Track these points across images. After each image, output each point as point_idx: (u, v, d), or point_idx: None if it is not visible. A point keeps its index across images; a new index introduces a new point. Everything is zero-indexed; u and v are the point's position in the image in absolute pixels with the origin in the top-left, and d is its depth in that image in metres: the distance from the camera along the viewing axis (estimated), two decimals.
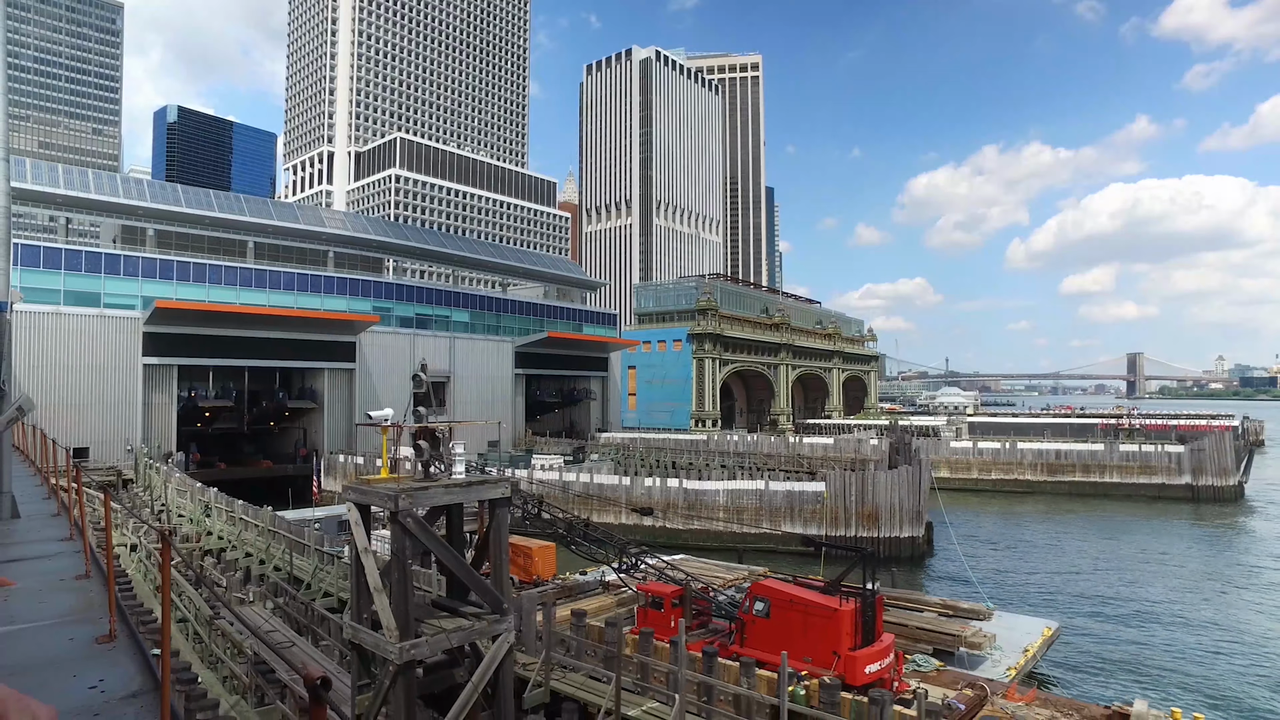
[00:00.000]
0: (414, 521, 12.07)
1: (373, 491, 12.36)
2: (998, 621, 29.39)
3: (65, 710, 3.95)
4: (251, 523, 30.03)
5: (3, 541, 9.25)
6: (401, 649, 11.71)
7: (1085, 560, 49.41)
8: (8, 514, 11.40)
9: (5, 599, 6.45)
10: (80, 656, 4.97)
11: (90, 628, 5.58)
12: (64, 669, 4.75)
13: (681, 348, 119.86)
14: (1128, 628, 34.54)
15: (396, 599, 12.01)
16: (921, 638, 25.71)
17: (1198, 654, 30.93)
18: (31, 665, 4.82)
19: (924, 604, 30.61)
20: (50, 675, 4.63)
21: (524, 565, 32.87)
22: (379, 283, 78.05)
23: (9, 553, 8.52)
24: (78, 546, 8.72)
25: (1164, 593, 40.82)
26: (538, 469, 57.85)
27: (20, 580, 7.05)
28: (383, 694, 12.17)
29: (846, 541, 49.71)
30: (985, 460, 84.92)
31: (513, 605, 15.16)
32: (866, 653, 18.94)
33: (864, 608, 19.41)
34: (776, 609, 20.07)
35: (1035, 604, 38.48)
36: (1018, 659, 25.76)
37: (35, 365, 53.93)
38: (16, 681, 4.12)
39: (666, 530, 51.43)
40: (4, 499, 11.44)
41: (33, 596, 6.59)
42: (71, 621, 5.81)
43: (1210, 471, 75.67)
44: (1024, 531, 60.36)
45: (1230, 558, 50.26)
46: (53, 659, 4.94)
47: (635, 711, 14.67)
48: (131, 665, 4.76)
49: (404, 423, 13.34)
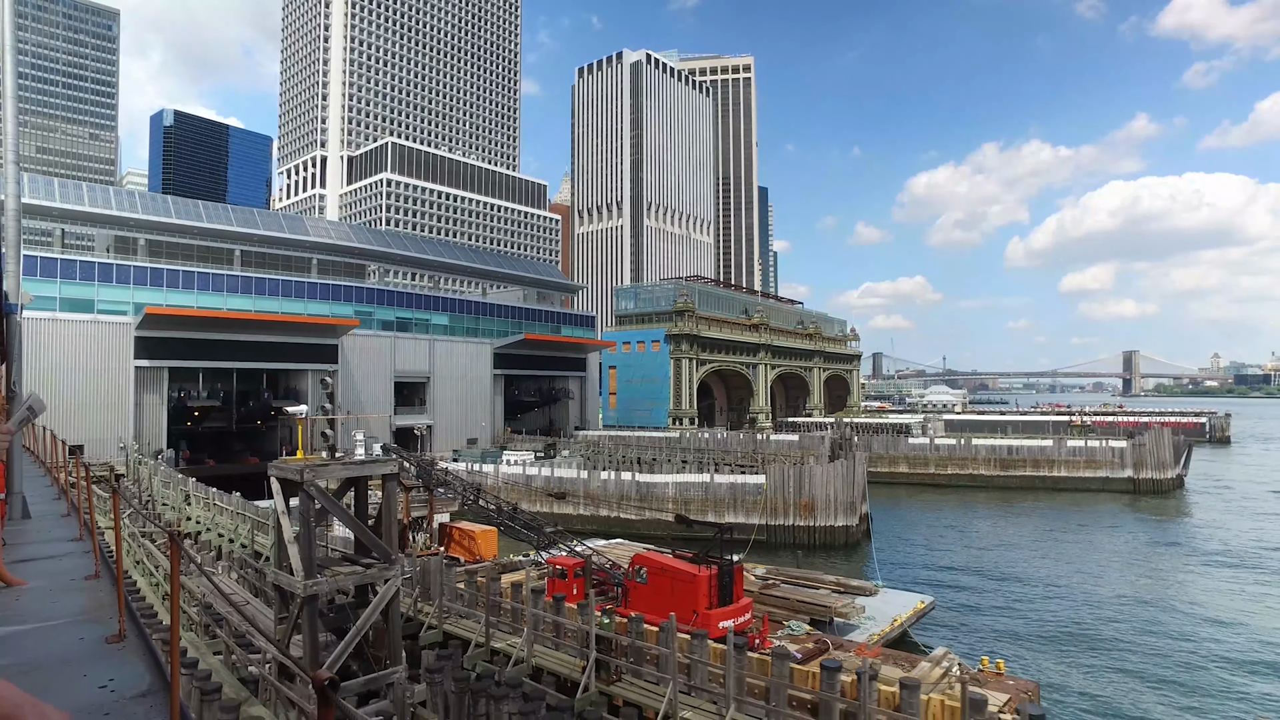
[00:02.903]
0: (316, 490, 16.03)
1: (287, 467, 16.33)
2: (881, 597, 33.42)
3: (76, 709, 4.02)
4: (224, 507, 34.06)
5: (14, 541, 9.31)
6: (305, 585, 15.69)
7: (1003, 546, 53.45)
8: (19, 514, 11.55)
9: (17, 598, 6.52)
10: (90, 656, 5.00)
11: (100, 627, 5.62)
12: (74, 668, 4.78)
13: (660, 348, 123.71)
14: (1011, 601, 38.61)
15: (303, 548, 16.00)
16: (800, 609, 29.66)
17: (1065, 623, 34.93)
18: (43, 664, 4.87)
19: (820, 581, 34.60)
20: (61, 674, 4.67)
21: (468, 547, 36.85)
22: (360, 288, 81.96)
23: (20, 553, 8.57)
24: (87, 547, 8.78)
25: (1060, 572, 44.87)
26: (504, 464, 61.75)
27: (31, 580, 7.11)
28: (293, 620, 16.17)
29: (785, 530, 53.91)
30: (942, 456, 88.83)
31: (410, 561, 19.13)
32: (721, 612, 22.87)
33: (722, 575, 23.34)
34: (652, 576, 24.04)
35: (942, 583, 42.52)
36: (884, 627, 29.73)
37: (33, 369, 57.81)
38: (28, 679, 4.52)
39: (620, 520, 55.41)
40: (15, 499, 11.55)
41: (44, 596, 6.65)
42: (81, 621, 5.86)
43: (1150, 465, 79.77)
44: (965, 521, 64.35)
45: (1143, 542, 54.25)
46: (63, 658, 4.98)
47: (501, 644, 18.70)
48: (141, 664, 4.80)
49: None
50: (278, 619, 17.09)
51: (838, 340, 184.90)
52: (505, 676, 16.42)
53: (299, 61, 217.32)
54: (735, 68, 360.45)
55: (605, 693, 16.63)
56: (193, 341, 66.28)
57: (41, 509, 12.62)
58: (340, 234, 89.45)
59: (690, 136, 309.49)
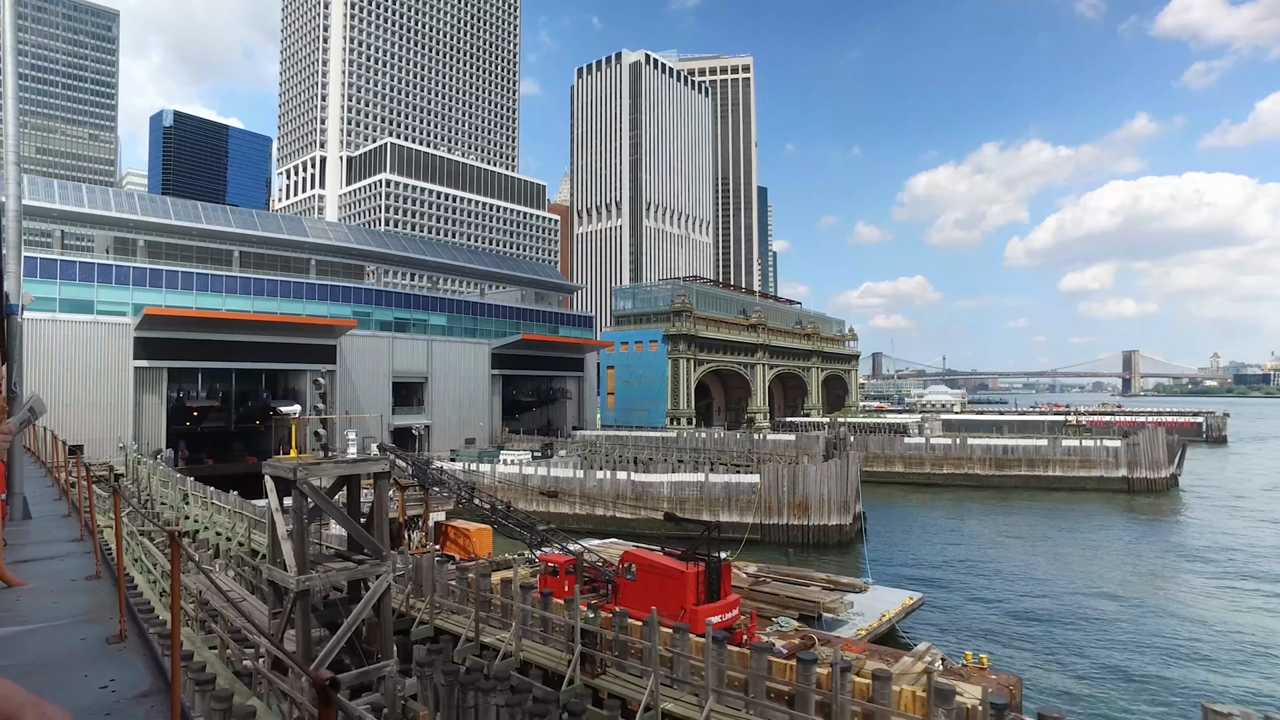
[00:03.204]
0: (309, 487, 16.46)
1: (280, 466, 16.77)
2: (871, 594, 33.86)
3: (77, 710, 3.97)
4: (221, 506, 34.51)
5: (15, 542, 9.25)
6: (299, 580, 16.12)
7: (995, 545, 53.88)
8: (20, 515, 11.52)
9: (19, 599, 6.52)
10: (91, 656, 5.00)
11: (101, 628, 5.62)
12: (75, 669, 4.77)
13: (658, 348, 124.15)
14: (1000, 598, 39.05)
15: (296, 545, 16.43)
16: (790, 605, 30.12)
17: (1050, 619, 35.37)
18: (44, 665, 4.87)
19: (810, 579, 35.04)
20: (62, 675, 4.66)
21: (464, 545, 37.30)
22: (358, 289, 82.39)
23: (22, 553, 8.54)
24: (88, 547, 8.78)
25: (1049, 570, 45.32)
26: (501, 464, 62.17)
27: (33, 581, 7.09)
28: (286, 615, 16.60)
29: (779, 529, 54.33)
30: (938, 456, 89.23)
31: (404, 559, 19.53)
32: (708, 608, 23.29)
33: (709, 572, 23.78)
34: (641, 573, 24.48)
35: (933, 580, 42.95)
36: (872, 622, 30.16)
37: (34, 369, 58.23)
38: (30, 680, 4.52)
39: (616, 520, 55.83)
40: (16, 500, 11.56)
41: (45, 597, 6.64)
42: (82, 622, 5.85)
43: (1144, 465, 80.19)
44: (958, 520, 64.76)
45: (1132, 541, 54.68)
46: (64, 659, 4.97)
47: (490, 639, 19.16)
48: (142, 665, 4.81)
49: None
50: (272, 614, 17.51)
51: (836, 340, 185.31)
52: (493, 670, 16.88)
53: (298, 62, 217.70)
54: (734, 68, 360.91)
55: (590, 685, 17.08)
56: (192, 342, 66.69)
57: (42, 509, 12.64)
58: (338, 235, 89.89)
59: (689, 137, 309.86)
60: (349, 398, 76.80)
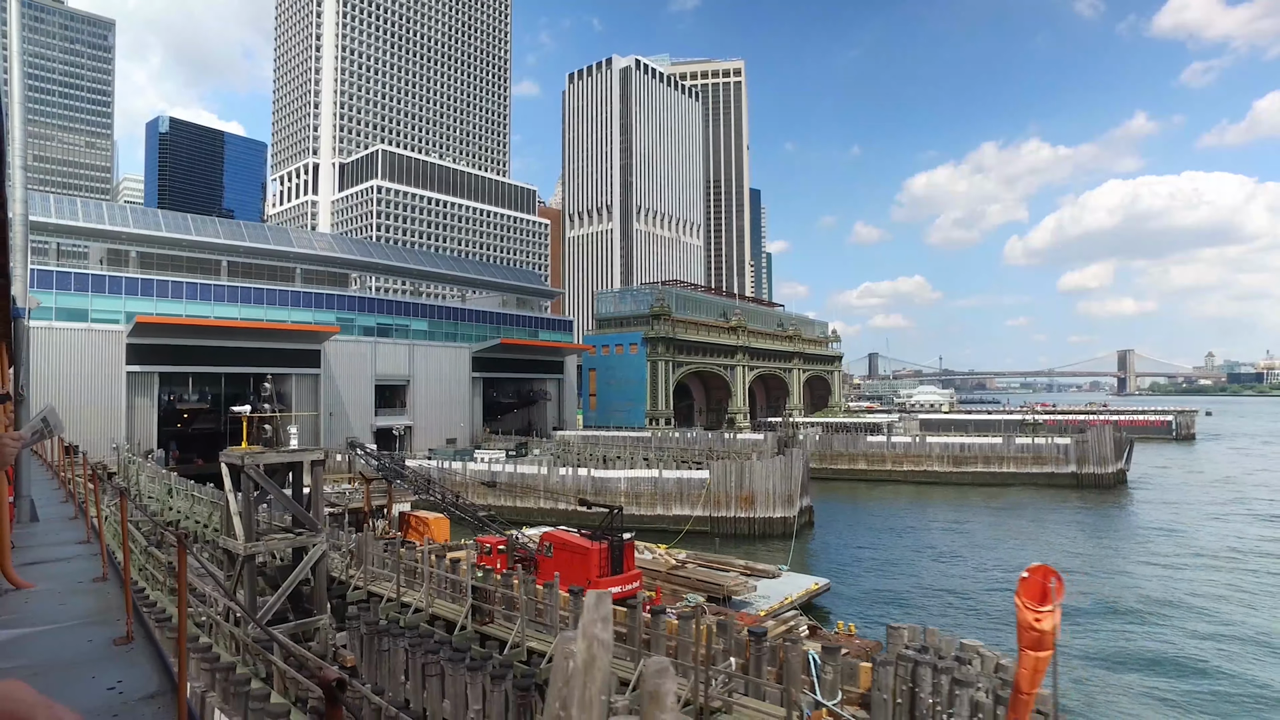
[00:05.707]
0: (255, 472, 20.37)
1: (232, 455, 20.67)
2: (783, 580, 37.76)
3: (85, 711, 3.99)
4: (199, 497, 38.49)
5: (23, 544, 9.28)
6: (246, 548, 20.03)
7: (932, 534, 57.87)
8: (27, 518, 11.58)
9: (26, 601, 6.57)
10: (99, 658, 5.03)
11: (108, 629, 5.67)
12: (83, 670, 4.78)
13: (638, 351, 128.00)
14: (913, 585, 43.02)
15: (245, 519, 20.34)
16: (698, 586, 34.03)
17: (953, 603, 39.29)
18: (52, 666, 4.89)
19: (730, 565, 38.95)
20: (70, 676, 4.67)
21: (424, 532, 41.18)
22: (342, 296, 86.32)
23: (29, 555, 8.58)
24: (95, 549, 8.83)
25: (973, 559, 49.23)
26: (473, 462, 66.09)
27: (40, 583, 7.12)
28: (237, 576, 20.52)
29: (727, 521, 58.24)
30: (898, 454, 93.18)
31: (349, 537, 23.38)
32: (610, 580, 27.18)
33: (612, 549, 27.68)
34: (556, 550, 28.40)
35: (857, 568, 46.92)
36: (774, 604, 33.98)
37: (32, 374, 61.93)
38: (38, 681, 4.54)
39: (577, 513, 59.69)
40: (23, 503, 11.68)
41: (52, 599, 6.69)
42: (90, 623, 5.88)
43: (1093, 460, 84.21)
44: (910, 514, 68.60)
45: (1060, 529, 58.63)
46: (72, 660, 4.99)
47: (409, 598, 23.14)
48: (149, 666, 4.83)
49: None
50: (225, 576, 21.39)
51: (818, 342, 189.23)
52: (406, 621, 20.75)
53: (291, 69, 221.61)
54: (725, 71, 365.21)
55: (480, 631, 20.95)
56: (182, 348, 70.55)
57: (49, 512, 12.81)
58: (323, 244, 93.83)
59: (680, 141, 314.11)
60: (333, 400, 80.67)
